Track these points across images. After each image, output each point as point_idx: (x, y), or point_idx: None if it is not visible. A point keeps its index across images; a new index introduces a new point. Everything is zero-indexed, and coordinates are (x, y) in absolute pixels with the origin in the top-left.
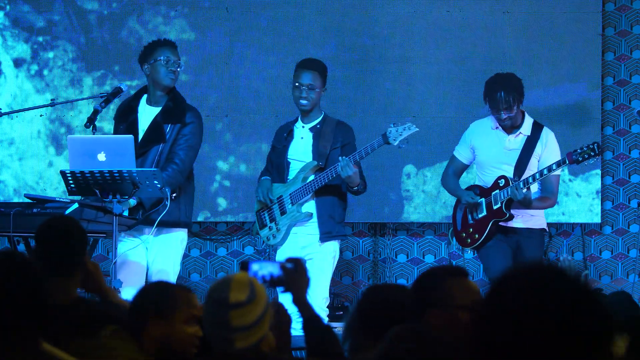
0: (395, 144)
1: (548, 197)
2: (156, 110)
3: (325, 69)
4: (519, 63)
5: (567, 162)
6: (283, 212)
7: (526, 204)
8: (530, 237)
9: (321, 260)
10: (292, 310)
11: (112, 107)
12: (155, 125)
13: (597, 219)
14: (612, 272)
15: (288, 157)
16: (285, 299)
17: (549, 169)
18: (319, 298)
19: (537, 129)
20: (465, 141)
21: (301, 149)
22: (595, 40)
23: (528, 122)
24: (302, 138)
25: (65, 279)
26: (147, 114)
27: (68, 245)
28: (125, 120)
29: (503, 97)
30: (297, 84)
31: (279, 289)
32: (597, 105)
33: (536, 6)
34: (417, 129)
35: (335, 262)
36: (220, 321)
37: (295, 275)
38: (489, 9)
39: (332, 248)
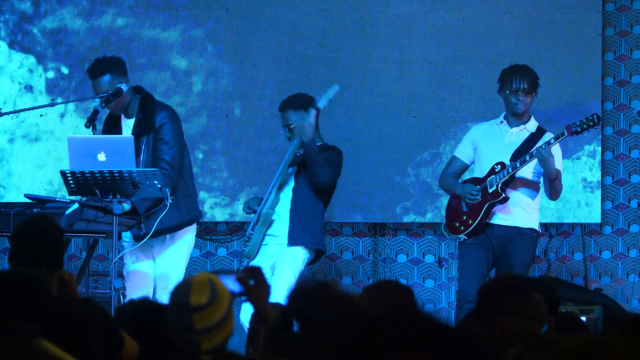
0: (322, 106)
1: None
2: (132, 122)
3: (300, 100)
4: (519, 63)
5: (566, 135)
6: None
7: (550, 165)
8: (520, 238)
9: (283, 264)
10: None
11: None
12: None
13: (597, 219)
14: (612, 272)
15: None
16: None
17: (548, 143)
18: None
19: (541, 130)
20: (467, 139)
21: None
22: (595, 40)
23: (533, 121)
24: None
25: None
26: (127, 126)
27: (46, 244)
28: (111, 134)
29: (522, 79)
30: (283, 125)
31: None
32: (597, 106)
33: (536, 6)
34: (339, 88)
35: (297, 272)
36: (184, 325)
37: (255, 287)
38: (489, 9)
39: (298, 254)
